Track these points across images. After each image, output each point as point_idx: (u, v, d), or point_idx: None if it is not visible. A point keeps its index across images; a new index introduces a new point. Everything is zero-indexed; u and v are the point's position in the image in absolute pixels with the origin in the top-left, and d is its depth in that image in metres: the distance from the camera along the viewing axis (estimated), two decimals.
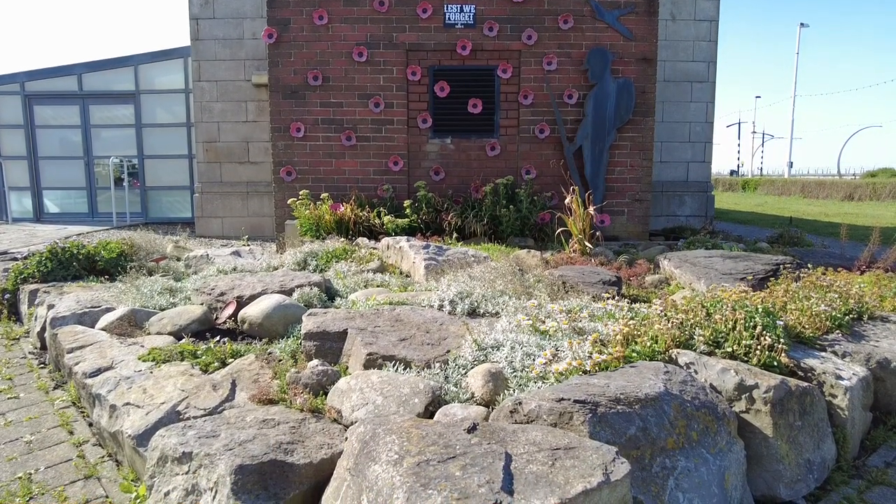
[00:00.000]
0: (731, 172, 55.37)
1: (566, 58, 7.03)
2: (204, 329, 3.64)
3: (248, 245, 8.16)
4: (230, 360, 3.07)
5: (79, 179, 12.03)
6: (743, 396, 2.35)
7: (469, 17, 6.95)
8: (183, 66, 11.22)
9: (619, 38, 7.00)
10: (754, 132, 57.26)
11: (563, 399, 1.89)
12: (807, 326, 3.02)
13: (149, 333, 3.62)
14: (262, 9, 8.79)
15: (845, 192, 22.46)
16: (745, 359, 2.58)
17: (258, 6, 9.28)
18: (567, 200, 5.57)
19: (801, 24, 39.96)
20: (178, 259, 5.80)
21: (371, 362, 2.61)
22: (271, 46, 7.06)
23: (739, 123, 59.87)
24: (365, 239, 5.95)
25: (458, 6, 6.95)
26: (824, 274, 4.20)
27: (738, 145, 60.14)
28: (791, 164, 41.36)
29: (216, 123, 9.77)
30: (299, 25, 7.02)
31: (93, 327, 3.75)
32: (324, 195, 6.67)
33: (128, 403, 2.66)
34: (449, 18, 6.96)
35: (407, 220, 6.41)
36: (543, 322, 2.83)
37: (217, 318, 3.80)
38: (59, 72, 11.77)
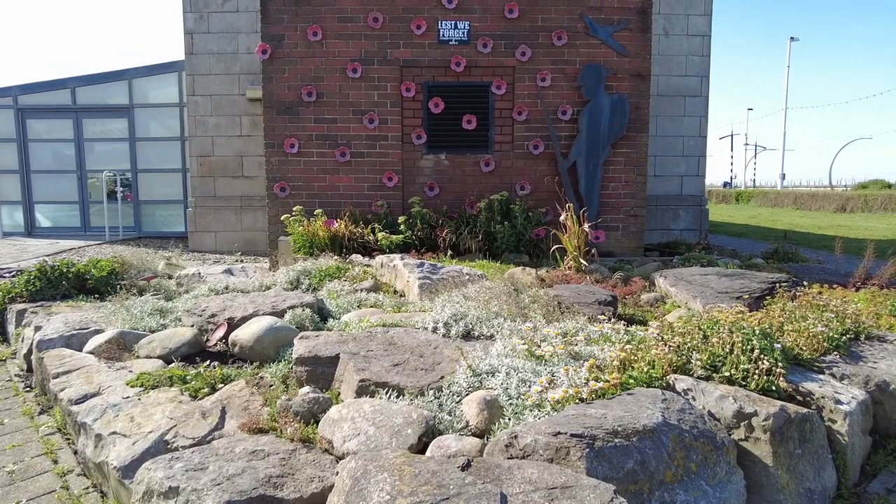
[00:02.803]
0: (725, 184, 55.67)
1: (560, 74, 7.05)
2: (194, 352, 3.58)
3: (242, 261, 8.10)
4: (220, 386, 3.01)
5: (71, 193, 11.95)
6: (742, 424, 2.32)
7: (463, 33, 6.97)
8: (177, 80, 11.21)
9: (613, 55, 7.03)
10: (747, 144, 57.72)
11: (559, 433, 1.84)
12: (804, 348, 2.99)
13: (138, 357, 3.56)
14: (257, 24, 8.79)
15: (838, 203, 22.60)
16: (744, 383, 2.55)
17: (252, 21, 9.30)
18: (562, 217, 5.55)
19: (791, 39, 40.50)
20: (170, 277, 5.73)
21: (363, 389, 2.56)
22: (265, 62, 7.05)
23: (732, 135, 60.36)
24: (359, 256, 5.91)
25: (453, 23, 6.96)
26: (820, 293, 4.18)
27: (731, 157, 60.48)
28: (783, 176, 41.65)
29: (210, 137, 9.75)
30: (293, 41, 7.02)
31: (80, 350, 3.69)
32: (318, 211, 6.63)
33: (114, 433, 2.60)
34: (443, 35, 6.98)
35: (401, 236, 6.37)
36: (539, 346, 2.79)
37: (208, 340, 3.74)
38: (52, 85, 11.74)
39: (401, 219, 6.62)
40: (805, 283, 4.54)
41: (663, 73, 9.51)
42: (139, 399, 2.87)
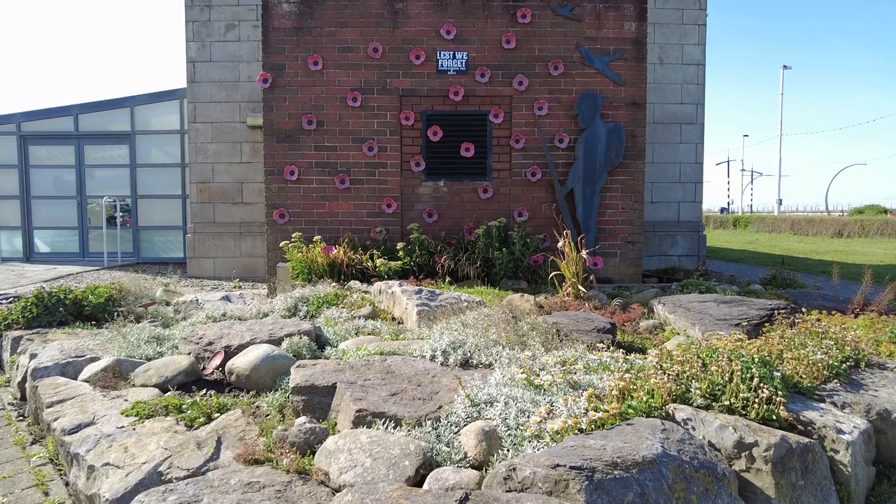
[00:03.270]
0: (722, 209, 56.02)
1: (557, 103, 7.15)
2: (190, 380, 3.55)
3: (240, 287, 8.08)
4: (216, 415, 2.98)
5: (71, 219, 11.98)
6: (743, 454, 2.29)
7: (461, 63, 7.10)
8: (179, 107, 11.34)
9: (609, 84, 7.15)
10: (743, 170, 58.26)
11: (558, 465, 1.82)
12: (804, 376, 2.98)
13: (134, 385, 3.53)
14: (258, 53, 8.94)
15: (834, 228, 22.72)
16: (744, 412, 2.53)
17: (254, 50, 9.46)
18: (560, 244, 5.57)
19: (784, 67, 41.17)
20: (168, 304, 5.72)
21: (360, 419, 2.53)
22: (266, 91, 7.15)
23: (728, 161, 61.00)
24: (357, 282, 5.90)
25: (451, 53, 7.09)
26: (819, 319, 4.18)
27: (728, 183, 61.05)
28: (780, 202, 41.94)
29: (210, 164, 9.82)
30: (294, 70, 7.13)
31: (76, 378, 3.66)
32: (316, 238, 6.65)
33: (107, 464, 2.56)
34: (442, 65, 7.10)
35: (400, 262, 6.38)
36: (538, 375, 2.77)
37: (204, 368, 3.72)
38: (55, 112, 11.87)
39: (399, 245, 6.64)
40: (804, 309, 4.54)
41: (659, 101, 9.65)
42: (134, 429, 2.84)
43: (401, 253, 6.55)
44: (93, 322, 5.08)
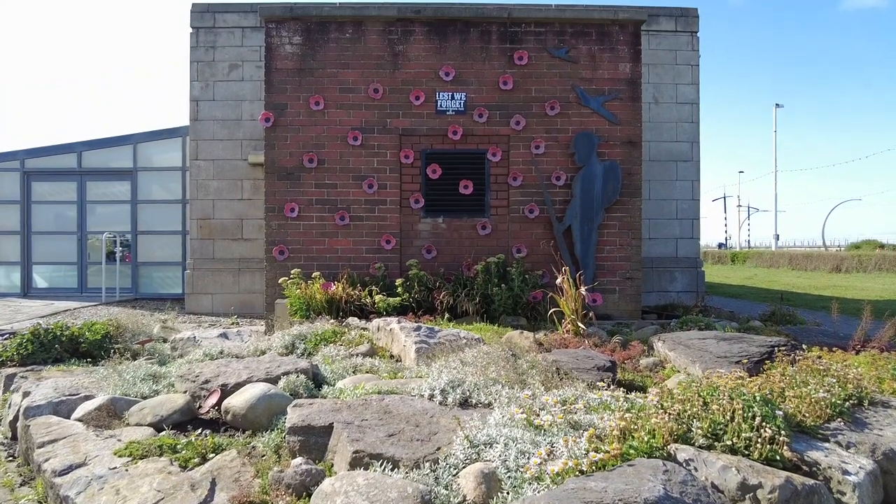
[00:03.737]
0: (720, 245, 56.21)
1: (553, 142, 7.28)
2: (186, 419, 3.50)
3: (238, 324, 8.04)
4: (211, 456, 2.93)
5: (70, 254, 12.00)
6: (747, 497, 2.25)
7: (460, 104, 7.25)
8: (181, 144, 11.50)
9: (605, 123, 7.29)
10: (739, 205, 58.72)
11: None
12: (807, 415, 2.94)
13: (128, 424, 3.48)
14: (260, 92, 9.13)
15: (832, 264, 22.77)
16: (746, 452, 2.50)
17: (257, 89, 9.67)
18: (558, 280, 5.58)
19: (777, 105, 42.06)
20: (165, 341, 5.68)
21: (357, 461, 2.49)
22: (268, 129, 7.28)
23: (725, 197, 61.50)
24: (355, 319, 5.88)
25: (450, 94, 7.26)
26: (820, 356, 4.15)
27: (725, 218, 61.42)
28: (777, 237, 42.16)
29: (211, 201, 9.91)
30: (296, 110, 7.27)
31: (69, 417, 3.60)
32: (315, 274, 6.65)
33: None
34: (441, 105, 7.25)
35: (398, 298, 6.37)
36: (538, 415, 2.74)
37: (200, 407, 3.67)
38: (59, 149, 12.02)
39: (398, 281, 6.64)
40: (804, 346, 4.51)
41: (655, 139, 9.81)
42: (126, 470, 2.79)
43: (399, 289, 6.55)
44: (89, 359, 5.03)
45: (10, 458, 3.65)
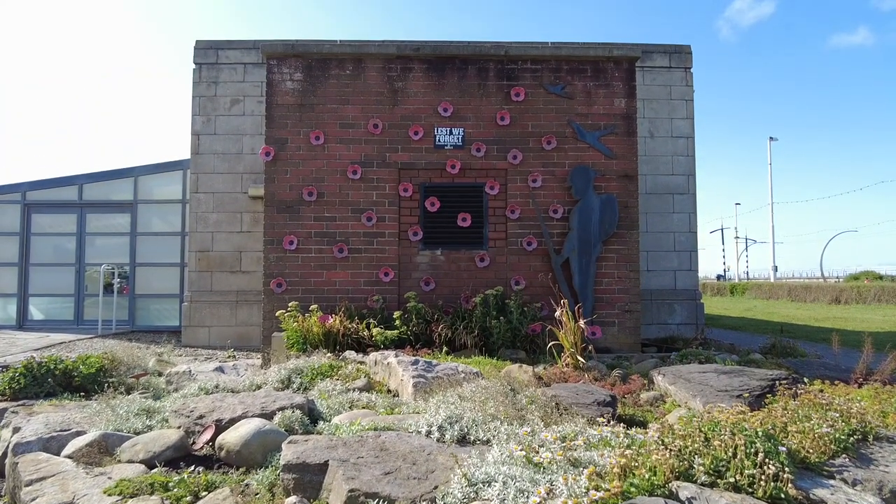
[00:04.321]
0: (718, 277, 56.25)
1: (550, 175, 7.35)
2: (179, 456, 3.43)
3: (234, 357, 7.97)
4: (204, 494, 2.86)
5: (67, 286, 11.96)
6: None
7: (458, 139, 7.36)
8: (182, 177, 11.59)
9: (601, 157, 7.38)
10: (737, 237, 59.00)
11: None
12: (811, 450, 2.90)
13: (120, 461, 3.40)
14: (261, 126, 9.27)
15: (832, 295, 22.75)
16: (750, 490, 2.44)
17: (257, 124, 9.81)
18: (557, 313, 5.56)
19: (771, 139, 42.61)
20: (160, 374, 5.62)
21: (353, 500, 2.43)
22: (268, 163, 7.35)
23: (722, 229, 61.90)
24: (352, 352, 5.83)
25: (448, 129, 7.37)
26: (822, 390, 4.11)
27: (723, 250, 61.67)
28: (776, 268, 42.21)
29: (210, 233, 9.94)
30: (296, 144, 7.37)
31: (59, 454, 3.53)
32: (313, 307, 6.63)
33: None
34: (439, 140, 7.36)
35: (396, 331, 6.33)
36: (537, 452, 2.69)
37: (194, 442, 3.60)
38: (61, 182, 12.10)
39: (396, 314, 6.61)
40: (805, 379, 4.48)
41: (651, 173, 9.92)
42: None
43: (397, 322, 6.51)
44: (82, 393, 4.96)
45: None
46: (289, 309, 6.58)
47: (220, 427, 3.58)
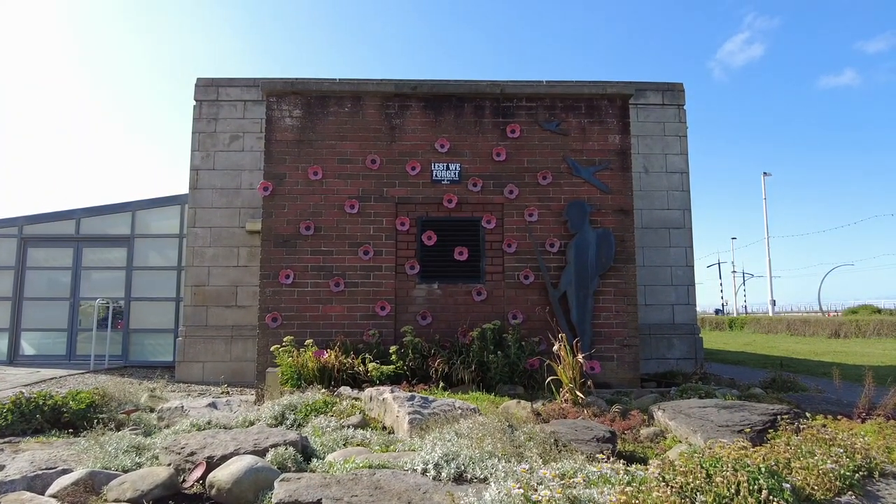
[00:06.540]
0: (717, 311, 56.07)
1: (546, 210, 7.40)
2: (169, 494, 3.34)
3: (228, 393, 7.83)
4: None
5: (61, 321, 11.83)
6: None
7: (455, 174, 7.43)
8: (179, 212, 11.62)
9: (597, 192, 7.45)
10: (734, 271, 59.03)
11: None
12: (816, 487, 2.83)
13: (106, 500, 3.30)
14: (260, 161, 9.37)
15: (831, 329, 22.66)
16: None
17: (256, 159, 9.91)
18: (555, 348, 5.51)
19: (764, 174, 43.09)
20: (152, 410, 5.51)
21: None
22: (266, 198, 7.39)
23: (719, 263, 62.01)
24: (348, 388, 5.75)
25: (445, 164, 7.45)
26: (824, 425, 4.05)
27: (721, 284, 61.64)
28: (774, 302, 42.10)
29: (207, 268, 9.91)
30: (294, 180, 7.43)
31: (43, 493, 3.42)
32: (308, 342, 6.56)
33: None
34: (436, 175, 7.44)
35: (392, 367, 6.25)
36: (535, 490, 2.62)
37: (184, 480, 3.51)
38: (58, 216, 12.11)
39: (392, 348, 6.54)
40: (808, 414, 4.41)
41: (647, 207, 10.00)
42: None
43: (394, 356, 6.44)
44: (71, 430, 4.85)
45: None
46: (284, 344, 6.51)
47: (212, 464, 3.49)
